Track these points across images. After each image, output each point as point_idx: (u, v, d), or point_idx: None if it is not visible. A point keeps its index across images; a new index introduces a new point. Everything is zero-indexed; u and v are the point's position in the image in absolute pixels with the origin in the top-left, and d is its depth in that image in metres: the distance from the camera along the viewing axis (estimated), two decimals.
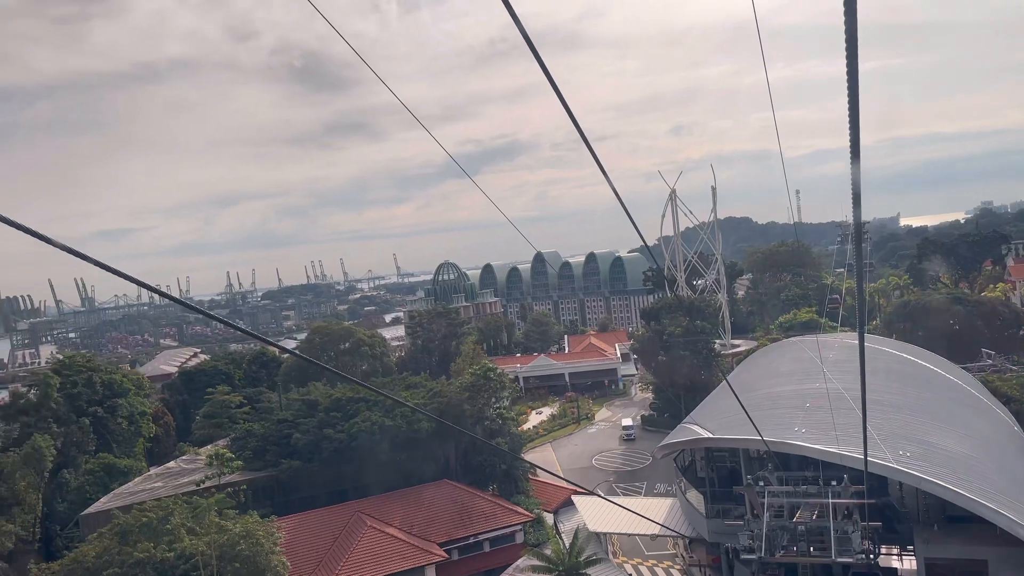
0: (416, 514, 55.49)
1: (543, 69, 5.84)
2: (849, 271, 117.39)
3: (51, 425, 64.61)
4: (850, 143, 5.37)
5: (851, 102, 4.82)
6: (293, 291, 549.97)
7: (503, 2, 5.87)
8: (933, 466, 35.51)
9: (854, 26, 4.37)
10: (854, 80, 4.56)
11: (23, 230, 5.36)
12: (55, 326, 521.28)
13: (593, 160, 6.88)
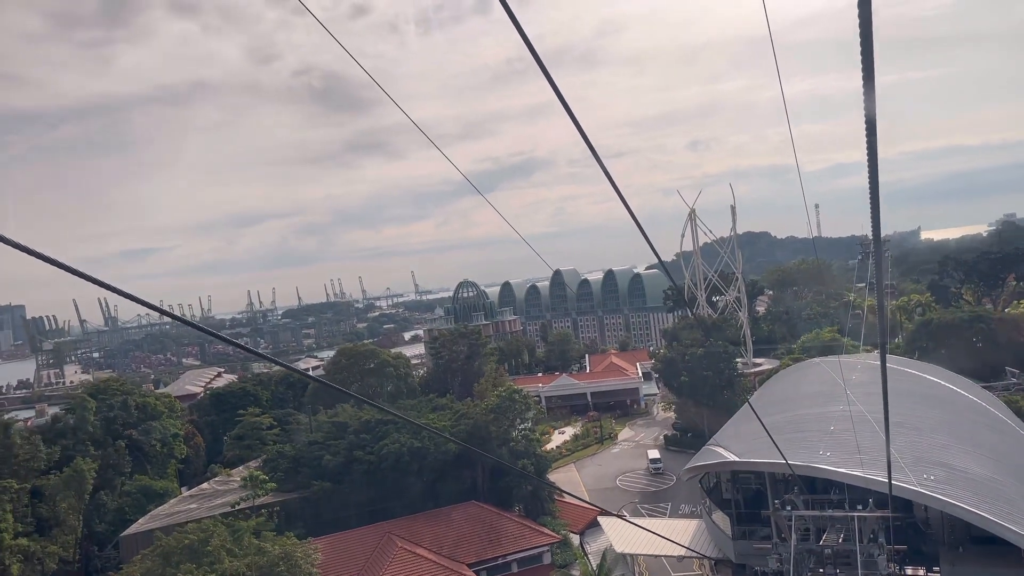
0: (445, 535, 56.55)
1: (552, 86, 5.88)
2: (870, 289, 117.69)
3: (88, 448, 66.43)
4: (868, 162, 5.20)
5: (868, 117, 4.73)
6: (313, 309, 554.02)
7: (514, 25, 6.00)
8: (957, 489, 36.15)
9: (870, 42, 4.34)
10: (871, 96, 4.49)
11: (33, 254, 5.06)
12: (79, 346, 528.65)
13: (600, 176, 7.20)
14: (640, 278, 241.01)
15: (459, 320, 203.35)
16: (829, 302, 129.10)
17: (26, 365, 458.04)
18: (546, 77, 5.49)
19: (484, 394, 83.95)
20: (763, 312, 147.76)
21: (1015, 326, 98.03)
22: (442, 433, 57.98)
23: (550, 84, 5.64)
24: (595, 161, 6.75)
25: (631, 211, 7.61)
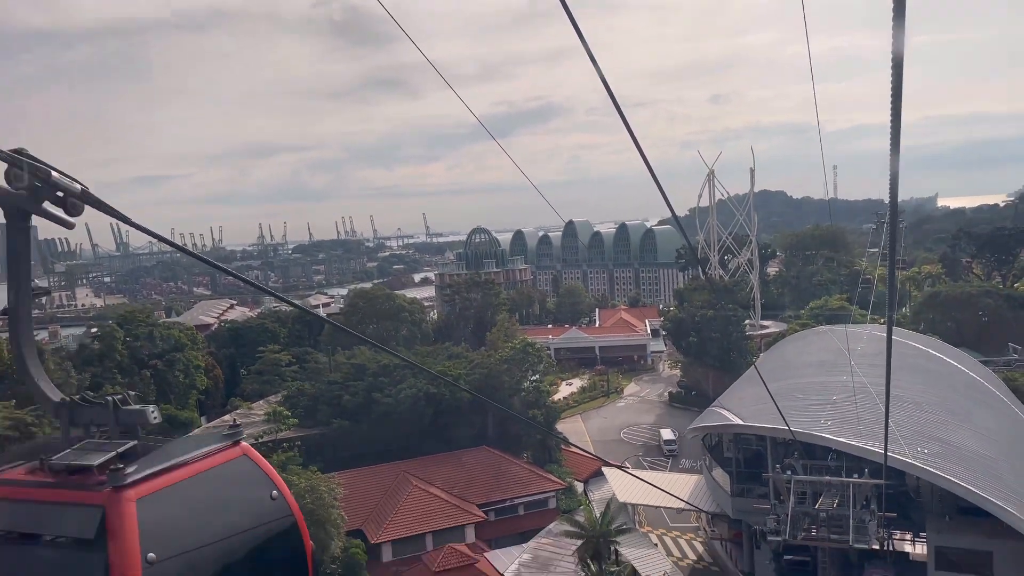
0: (457, 477, 59.41)
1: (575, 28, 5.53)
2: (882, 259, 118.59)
3: (116, 375, 69.10)
4: (891, 126, 5.04)
5: (894, 78, 4.51)
6: (323, 246, 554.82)
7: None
8: (949, 463, 38.24)
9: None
10: (899, 56, 4.33)
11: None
12: (91, 269, 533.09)
13: (618, 126, 6.71)
14: (653, 233, 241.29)
15: (471, 266, 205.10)
16: (840, 269, 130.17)
17: None
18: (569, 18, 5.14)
19: (496, 344, 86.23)
20: (774, 275, 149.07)
21: (1021, 303, 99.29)
22: (457, 383, 60.49)
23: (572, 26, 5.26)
24: (613, 110, 6.30)
25: (648, 163, 7.28)
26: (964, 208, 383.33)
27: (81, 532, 3.81)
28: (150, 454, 4.24)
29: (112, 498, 3.87)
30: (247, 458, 4.66)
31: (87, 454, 4.17)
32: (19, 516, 4.03)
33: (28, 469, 4.27)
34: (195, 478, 4.28)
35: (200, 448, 4.43)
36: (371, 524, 53.18)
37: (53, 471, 4.14)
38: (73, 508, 3.92)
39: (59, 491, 4.05)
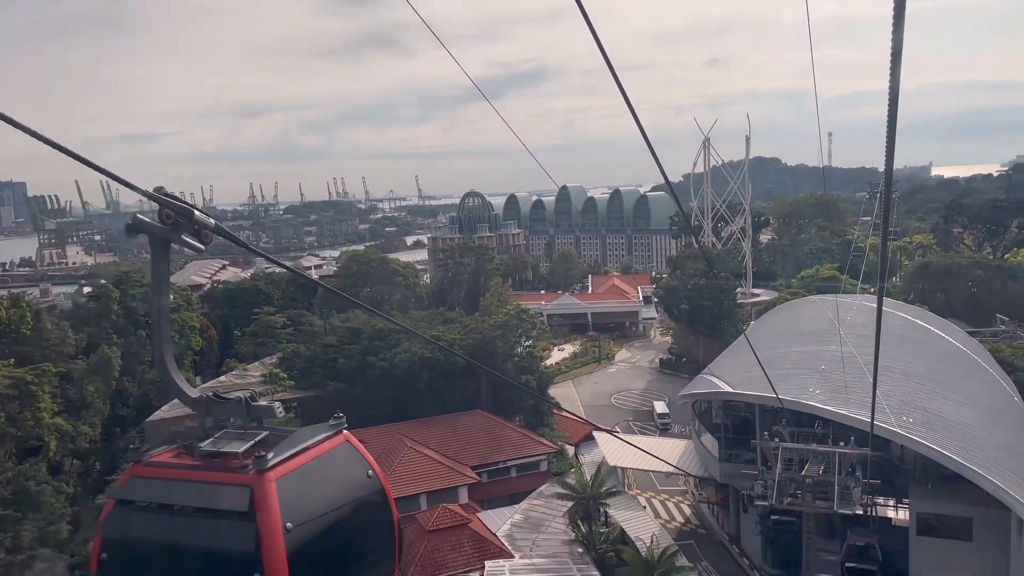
0: (451, 439, 60.34)
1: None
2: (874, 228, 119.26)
3: (112, 336, 69.39)
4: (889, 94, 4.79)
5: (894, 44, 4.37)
6: (315, 207, 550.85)
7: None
8: (933, 432, 39.23)
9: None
10: (899, 23, 4.23)
11: (34, 135, 4.52)
12: (81, 227, 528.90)
13: (621, 92, 6.63)
14: (646, 200, 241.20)
15: (464, 230, 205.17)
16: (832, 238, 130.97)
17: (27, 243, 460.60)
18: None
19: (489, 309, 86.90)
20: (766, 243, 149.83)
21: (1010, 274, 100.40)
22: (451, 348, 61.07)
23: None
24: (608, 72, 6.09)
25: (642, 128, 7.11)
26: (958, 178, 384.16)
27: (236, 506, 4.76)
28: (281, 442, 5.21)
29: (258, 479, 4.84)
30: (349, 444, 5.82)
31: (230, 442, 5.18)
32: (181, 492, 4.98)
33: (173, 453, 5.30)
34: (314, 461, 5.31)
35: (315, 437, 5.47)
36: None
37: (200, 456, 5.13)
38: (226, 487, 4.88)
39: (211, 473, 5.03)
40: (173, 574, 5.04)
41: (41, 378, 51.29)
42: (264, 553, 4.68)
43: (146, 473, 5.32)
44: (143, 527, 5.13)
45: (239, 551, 4.73)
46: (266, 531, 4.70)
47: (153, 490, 5.17)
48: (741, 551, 52.37)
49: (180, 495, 5.01)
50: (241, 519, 4.75)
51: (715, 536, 56.00)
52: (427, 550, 47.53)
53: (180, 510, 4.99)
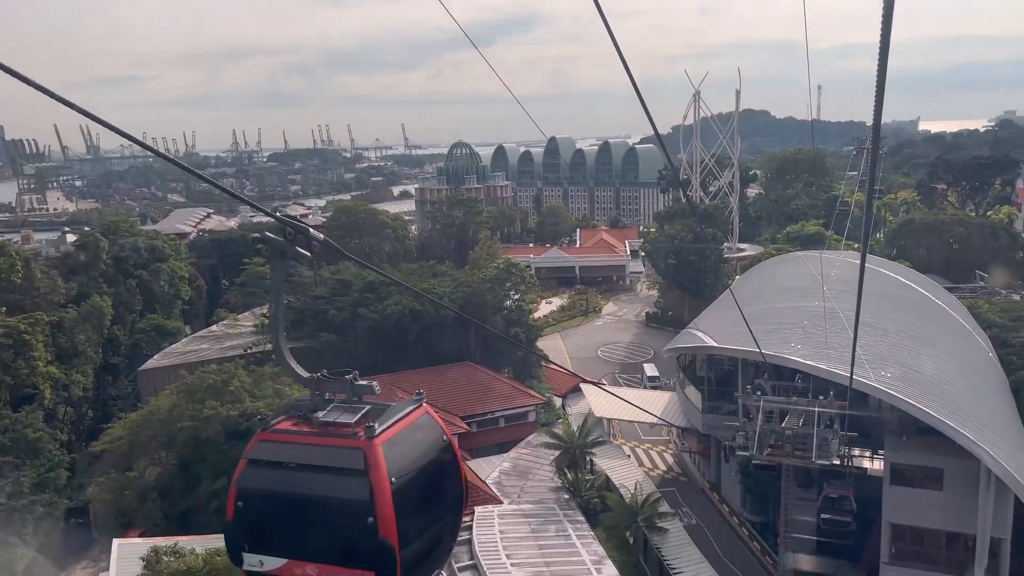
0: (441, 390, 61.41)
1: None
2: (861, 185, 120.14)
3: (102, 285, 69.56)
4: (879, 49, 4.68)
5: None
6: (299, 155, 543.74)
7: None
8: (909, 387, 40.58)
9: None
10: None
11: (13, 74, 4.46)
12: (61, 172, 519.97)
13: (604, 38, 6.34)
14: (635, 152, 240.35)
15: (451, 182, 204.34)
16: (819, 194, 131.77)
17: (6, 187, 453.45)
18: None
19: (478, 262, 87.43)
20: (753, 197, 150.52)
21: (991, 232, 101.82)
22: (441, 302, 61.81)
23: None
24: (599, 19, 6.02)
25: (632, 78, 7.05)
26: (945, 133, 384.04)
27: (352, 466, 6.06)
28: (381, 414, 6.49)
29: (369, 444, 6.11)
30: (428, 414, 7.07)
31: (342, 414, 6.52)
32: (305, 454, 6.33)
33: (292, 422, 6.56)
34: (406, 428, 6.59)
35: (405, 409, 6.70)
36: None
37: (318, 425, 6.42)
38: (344, 450, 6.18)
39: (330, 439, 6.32)
40: (298, 520, 6.33)
41: (34, 327, 51.72)
42: (376, 501, 5.98)
43: (272, 438, 6.61)
44: (272, 482, 6.39)
45: (357, 500, 6.03)
46: (377, 485, 6.01)
47: (280, 452, 6.46)
48: (721, 498, 54.27)
49: (305, 456, 6.31)
50: (357, 476, 6.06)
51: (696, 484, 57.84)
52: None
53: (304, 468, 6.27)
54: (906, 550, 41.55)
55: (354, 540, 6.26)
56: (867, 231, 12.80)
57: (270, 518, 6.53)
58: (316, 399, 6.81)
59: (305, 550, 6.51)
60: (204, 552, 27.05)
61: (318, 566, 6.50)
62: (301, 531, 6.47)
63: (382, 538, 6.13)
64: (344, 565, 6.38)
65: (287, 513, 6.44)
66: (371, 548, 6.17)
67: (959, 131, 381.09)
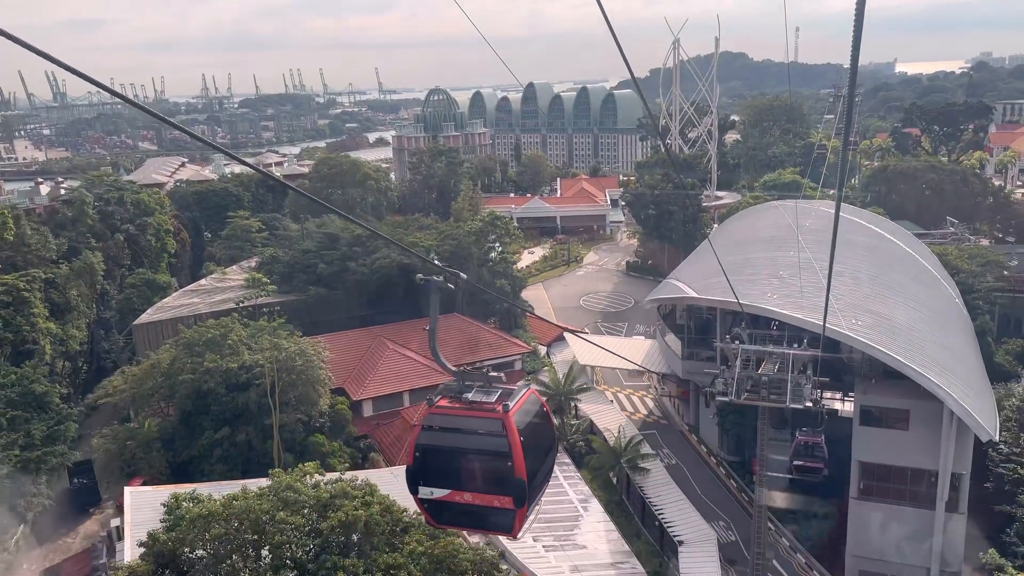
0: None
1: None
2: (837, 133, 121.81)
3: (90, 240, 70.01)
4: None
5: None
6: (271, 100, 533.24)
7: None
8: (878, 334, 42.98)
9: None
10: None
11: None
12: (27, 120, 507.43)
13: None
14: (613, 98, 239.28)
15: (429, 129, 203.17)
16: (796, 141, 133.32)
17: None
18: None
19: (461, 213, 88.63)
20: (731, 144, 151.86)
21: (963, 178, 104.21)
22: (428, 259, 63.17)
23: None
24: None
25: (611, 25, 7.34)
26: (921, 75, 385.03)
27: (495, 430, 9.46)
28: (508, 395, 9.95)
29: (505, 416, 9.86)
30: (534, 393, 10.98)
31: (485, 395, 9.92)
32: (463, 423, 10.20)
33: (448, 400, 10.04)
34: (524, 403, 10.33)
35: (521, 391, 10.11)
36: (352, 384, 57.15)
37: (468, 403, 9.91)
38: (490, 420, 9.95)
39: (478, 412, 10.05)
40: (458, 464, 10.36)
41: (32, 284, 52.53)
42: (512, 452, 9.84)
43: (437, 411, 10.48)
44: (440, 439, 10.45)
45: (499, 452, 9.92)
46: (512, 441, 9.85)
47: (444, 421, 10.42)
48: (700, 440, 57.11)
49: (461, 424, 10.23)
50: (499, 436, 9.90)
51: (676, 426, 60.59)
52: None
53: (461, 431, 10.26)
54: (873, 486, 44.51)
55: (498, 477, 10.15)
56: (841, 183, 13.97)
57: (439, 463, 10.57)
58: (461, 384, 10.61)
59: (463, 484, 10.54)
60: (221, 497, 28.77)
61: (473, 494, 10.56)
62: (461, 472, 10.46)
63: (516, 476, 10.01)
64: (491, 493, 10.40)
65: (451, 460, 10.45)
66: (509, 482, 10.07)
67: (935, 73, 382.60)
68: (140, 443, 46.82)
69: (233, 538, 27.39)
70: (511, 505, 10.53)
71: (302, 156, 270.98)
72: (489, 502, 10.75)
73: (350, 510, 27.31)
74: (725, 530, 47.23)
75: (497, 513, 10.79)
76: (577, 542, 42.30)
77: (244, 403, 45.65)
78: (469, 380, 10.62)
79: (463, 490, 10.68)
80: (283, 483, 29.18)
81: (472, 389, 10.49)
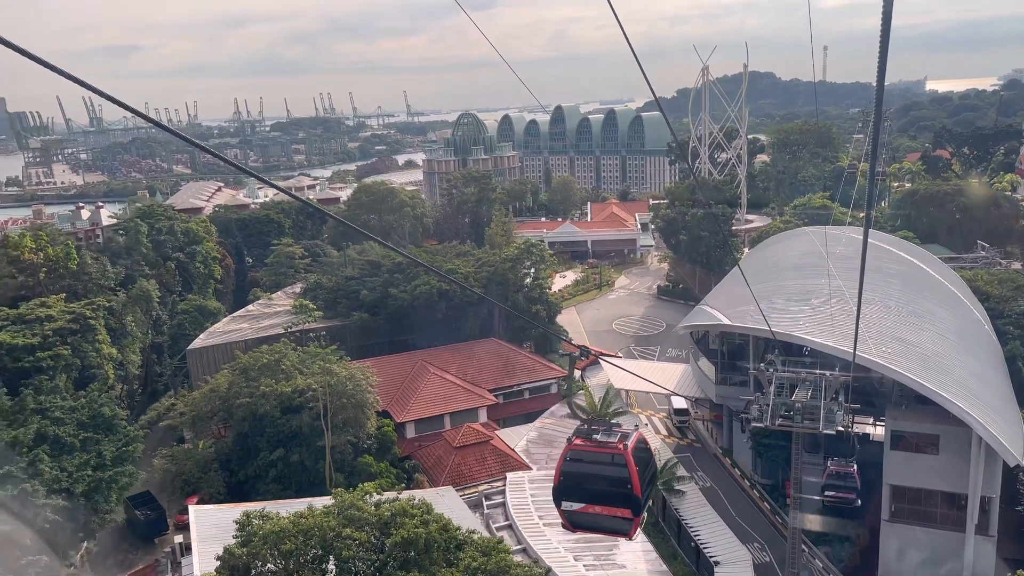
0: (468, 365, 65.48)
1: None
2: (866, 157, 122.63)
3: (144, 268, 73.43)
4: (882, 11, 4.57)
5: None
6: (302, 124, 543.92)
7: None
8: (908, 361, 44.39)
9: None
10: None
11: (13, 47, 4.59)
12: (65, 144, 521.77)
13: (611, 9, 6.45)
14: (641, 120, 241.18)
15: (459, 152, 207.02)
16: (825, 165, 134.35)
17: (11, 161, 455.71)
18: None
19: (494, 239, 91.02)
20: (760, 168, 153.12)
21: (993, 201, 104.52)
22: (467, 285, 65.55)
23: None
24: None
25: (633, 49, 7.44)
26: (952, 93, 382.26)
27: (619, 461, 14.73)
28: (626, 436, 15.15)
29: (626, 451, 15.73)
30: (642, 435, 17.01)
31: (610, 435, 15.21)
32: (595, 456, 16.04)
33: (582, 439, 15.26)
34: (637, 442, 15.54)
35: (634, 432, 15.34)
36: (395, 406, 59.39)
37: (596, 442, 15.21)
38: (615, 455, 15.87)
39: (606, 448, 15.91)
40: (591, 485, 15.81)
41: (96, 312, 55.57)
42: (631, 477, 15.25)
43: (575, 447, 15.92)
44: (578, 467, 15.94)
45: (622, 477, 15.32)
46: (630, 470, 15.34)
47: (581, 454, 15.88)
48: (733, 463, 58.46)
49: (594, 457, 15.75)
50: (621, 465, 15.41)
51: (709, 450, 61.94)
52: (455, 464, 53.16)
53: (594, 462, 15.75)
54: (904, 509, 45.72)
55: (620, 495, 15.07)
56: (868, 219, 15.07)
57: (577, 485, 15.67)
58: (591, 428, 16.18)
59: (594, 500, 15.42)
60: (289, 515, 30.94)
61: (602, 507, 15.46)
62: (592, 491, 15.51)
63: (635, 494, 14.98)
64: (615, 507, 15.33)
65: (586, 483, 15.56)
66: (629, 498, 14.99)
67: (966, 91, 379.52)
68: (199, 463, 49.40)
69: (302, 553, 29.56)
70: (630, 515, 15.56)
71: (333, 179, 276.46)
72: (613, 513, 15.64)
73: (411, 528, 29.34)
74: (760, 551, 48.51)
75: (619, 521, 15.78)
76: (616, 562, 43.91)
77: (297, 425, 48.05)
78: (595, 425, 16.27)
79: (594, 504, 15.69)
80: (346, 501, 31.32)
81: (599, 432, 15.86)
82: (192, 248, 79.28)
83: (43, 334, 52.29)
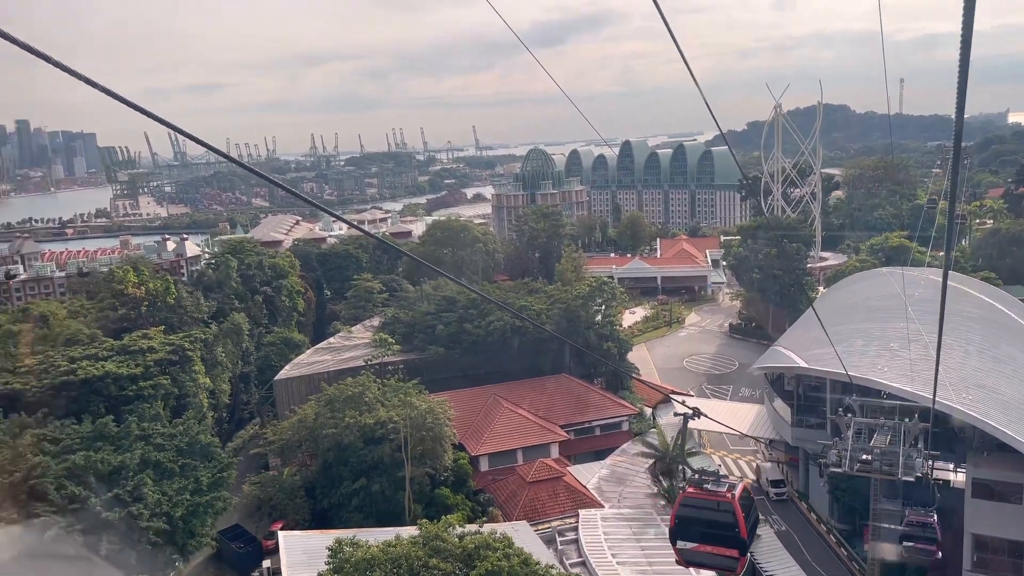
0: (540, 400, 66.72)
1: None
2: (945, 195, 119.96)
3: (234, 302, 77.44)
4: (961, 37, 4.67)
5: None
6: (375, 158, 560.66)
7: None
8: (989, 407, 43.77)
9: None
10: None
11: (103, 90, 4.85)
12: (151, 178, 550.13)
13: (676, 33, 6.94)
14: (710, 155, 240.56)
15: (527, 187, 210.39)
16: (902, 203, 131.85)
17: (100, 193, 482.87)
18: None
19: (564, 275, 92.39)
20: (835, 204, 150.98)
21: None
22: (539, 323, 67.02)
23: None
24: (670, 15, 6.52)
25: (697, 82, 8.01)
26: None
27: (727, 508, 17.88)
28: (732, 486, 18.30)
29: (732, 499, 19.36)
30: (747, 486, 18.72)
31: (717, 485, 18.58)
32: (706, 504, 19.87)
33: (694, 488, 18.43)
34: (742, 491, 18.60)
35: (739, 484, 18.34)
36: (470, 439, 60.97)
37: (707, 491, 18.37)
38: (722, 502, 19.58)
39: (715, 496, 19.60)
40: (703, 527, 19.45)
41: (194, 344, 59.08)
42: (737, 520, 18.77)
43: (688, 495, 19.77)
44: (691, 511, 19.78)
45: (730, 522, 18.89)
46: (737, 515, 18.85)
47: (693, 501, 19.63)
48: (809, 507, 57.87)
49: (705, 504, 19.45)
50: (728, 512, 18.95)
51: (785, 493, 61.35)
52: (527, 499, 54.23)
53: (704, 508, 19.48)
54: (988, 559, 44.72)
55: (728, 536, 18.58)
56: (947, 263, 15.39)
57: (690, 527, 19.49)
58: (701, 479, 19.60)
59: (705, 539, 18.99)
60: (378, 543, 32.61)
61: (712, 547, 19.06)
62: (704, 531, 19.13)
63: (741, 536, 18.51)
64: (723, 547, 18.80)
65: (698, 525, 19.31)
66: (736, 539, 18.48)
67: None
68: (285, 490, 51.83)
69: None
70: (737, 555, 18.44)
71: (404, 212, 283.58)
72: (722, 552, 18.51)
73: (494, 560, 30.66)
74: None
75: (726, 560, 18.68)
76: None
77: (379, 456, 50.07)
78: (704, 475, 19.53)
79: (705, 544, 18.70)
80: (431, 532, 32.86)
81: (708, 481, 19.06)
82: (278, 282, 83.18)
83: (145, 364, 55.90)
